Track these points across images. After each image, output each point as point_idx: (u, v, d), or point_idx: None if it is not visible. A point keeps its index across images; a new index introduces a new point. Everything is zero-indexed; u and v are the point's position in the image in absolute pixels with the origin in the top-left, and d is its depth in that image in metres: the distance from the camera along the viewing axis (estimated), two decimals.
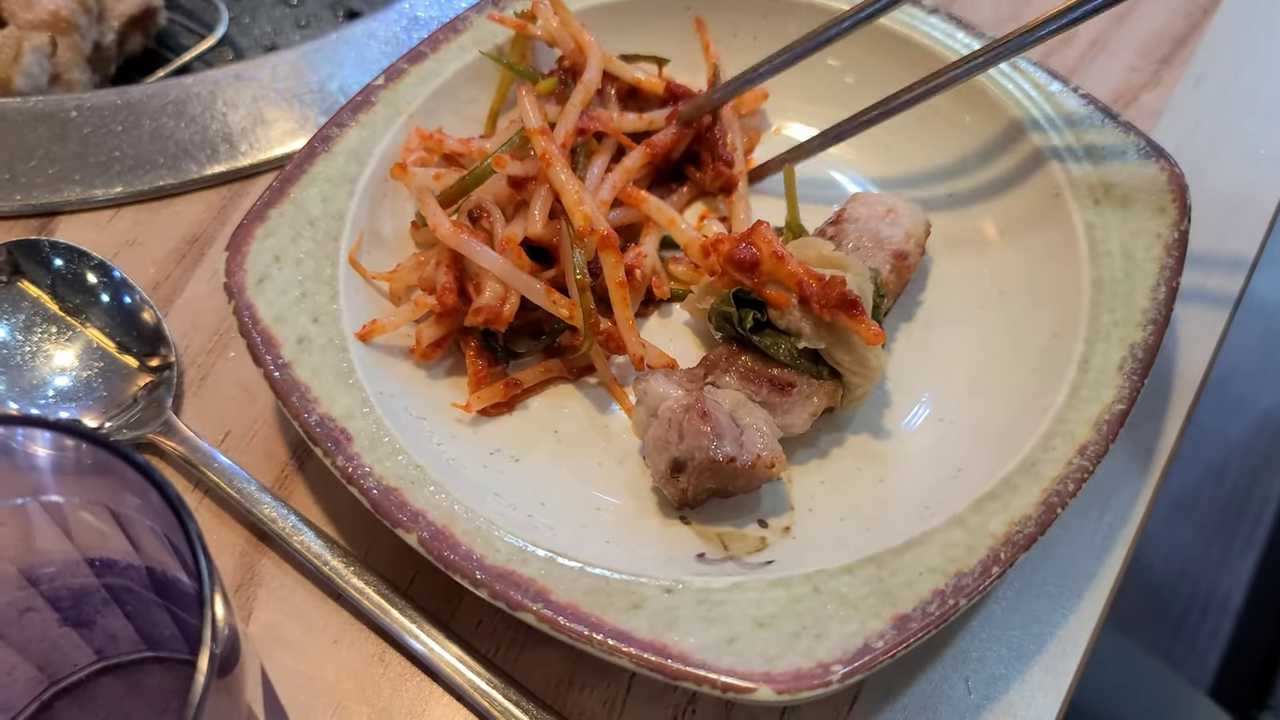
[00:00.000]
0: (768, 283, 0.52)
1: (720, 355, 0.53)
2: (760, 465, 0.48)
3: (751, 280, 0.52)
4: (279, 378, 0.49)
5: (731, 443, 0.48)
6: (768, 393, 0.52)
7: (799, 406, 0.52)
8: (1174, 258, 0.53)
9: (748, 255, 0.52)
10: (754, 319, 0.52)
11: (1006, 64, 0.61)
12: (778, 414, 0.52)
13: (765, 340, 0.52)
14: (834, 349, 0.51)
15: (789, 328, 0.52)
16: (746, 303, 0.53)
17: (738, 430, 0.49)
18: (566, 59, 0.61)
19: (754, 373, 0.52)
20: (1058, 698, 0.49)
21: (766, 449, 0.49)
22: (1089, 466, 0.47)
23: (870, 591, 0.44)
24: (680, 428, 0.49)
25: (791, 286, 0.52)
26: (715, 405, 0.50)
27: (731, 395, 0.51)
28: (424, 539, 0.45)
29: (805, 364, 0.52)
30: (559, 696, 0.49)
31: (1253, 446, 1.76)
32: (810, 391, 0.52)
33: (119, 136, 0.67)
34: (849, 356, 0.51)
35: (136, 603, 0.44)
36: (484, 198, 0.56)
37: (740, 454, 0.48)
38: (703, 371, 0.53)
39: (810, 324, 0.51)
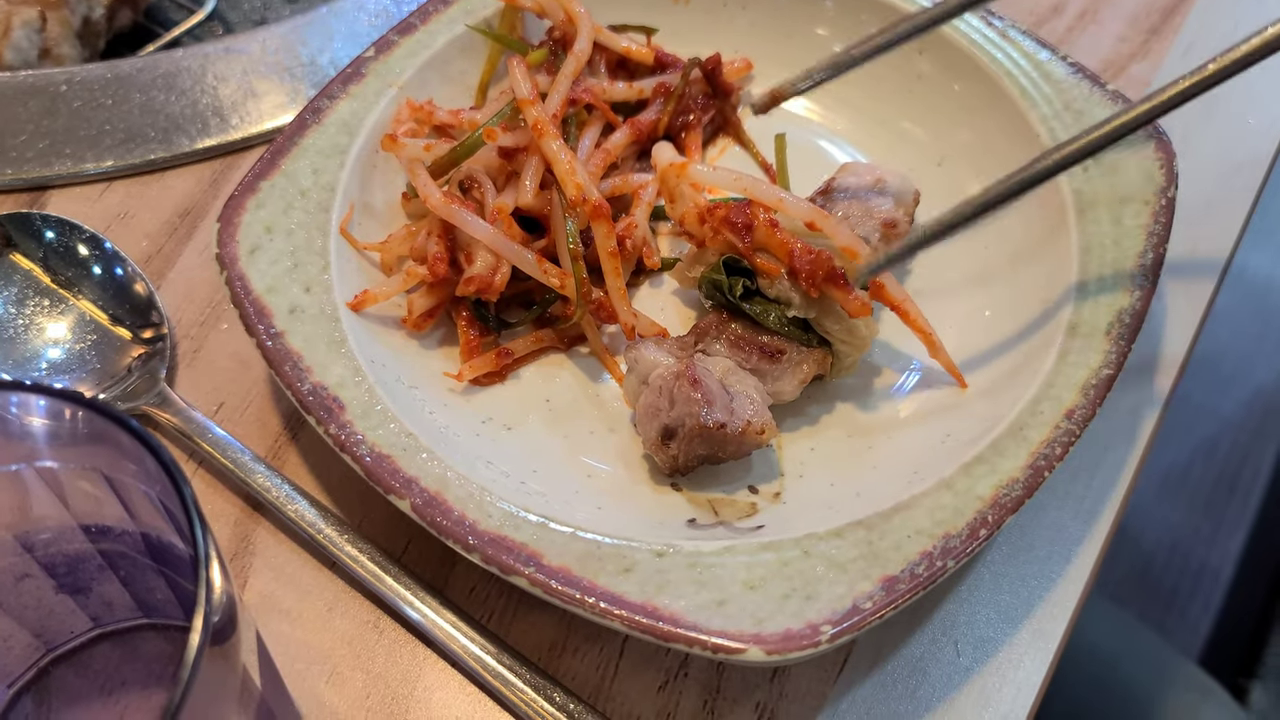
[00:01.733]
0: (758, 251, 0.52)
1: (710, 323, 0.54)
2: (750, 431, 0.49)
3: (743, 245, 0.52)
4: (271, 347, 0.50)
5: (722, 409, 0.49)
6: (757, 360, 0.52)
7: (788, 374, 0.52)
8: (1161, 224, 0.54)
9: (743, 218, 0.52)
10: (744, 287, 0.53)
11: (995, 33, 0.61)
12: (767, 381, 0.52)
13: (755, 308, 0.53)
14: (823, 318, 0.52)
15: (779, 296, 0.52)
16: (737, 270, 0.53)
17: (728, 397, 0.50)
18: (556, 30, 0.61)
19: (744, 340, 0.53)
20: (1045, 660, 0.50)
21: (757, 415, 0.49)
22: (1076, 430, 0.48)
23: (859, 554, 0.45)
24: (671, 395, 0.49)
25: (781, 257, 0.52)
26: (706, 372, 0.50)
27: (721, 363, 0.52)
28: (417, 505, 0.46)
29: (795, 332, 0.52)
30: (552, 661, 0.49)
31: (1244, 423, 1.77)
32: (800, 359, 0.52)
33: (109, 110, 0.67)
34: (838, 326, 0.52)
35: (132, 569, 0.45)
36: (475, 168, 0.56)
37: (730, 420, 0.49)
38: (693, 339, 0.53)
39: (799, 293, 0.52)
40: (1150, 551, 1.61)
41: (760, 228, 0.52)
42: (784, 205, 0.54)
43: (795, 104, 0.65)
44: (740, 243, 0.52)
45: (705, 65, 0.62)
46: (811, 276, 0.51)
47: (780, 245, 0.52)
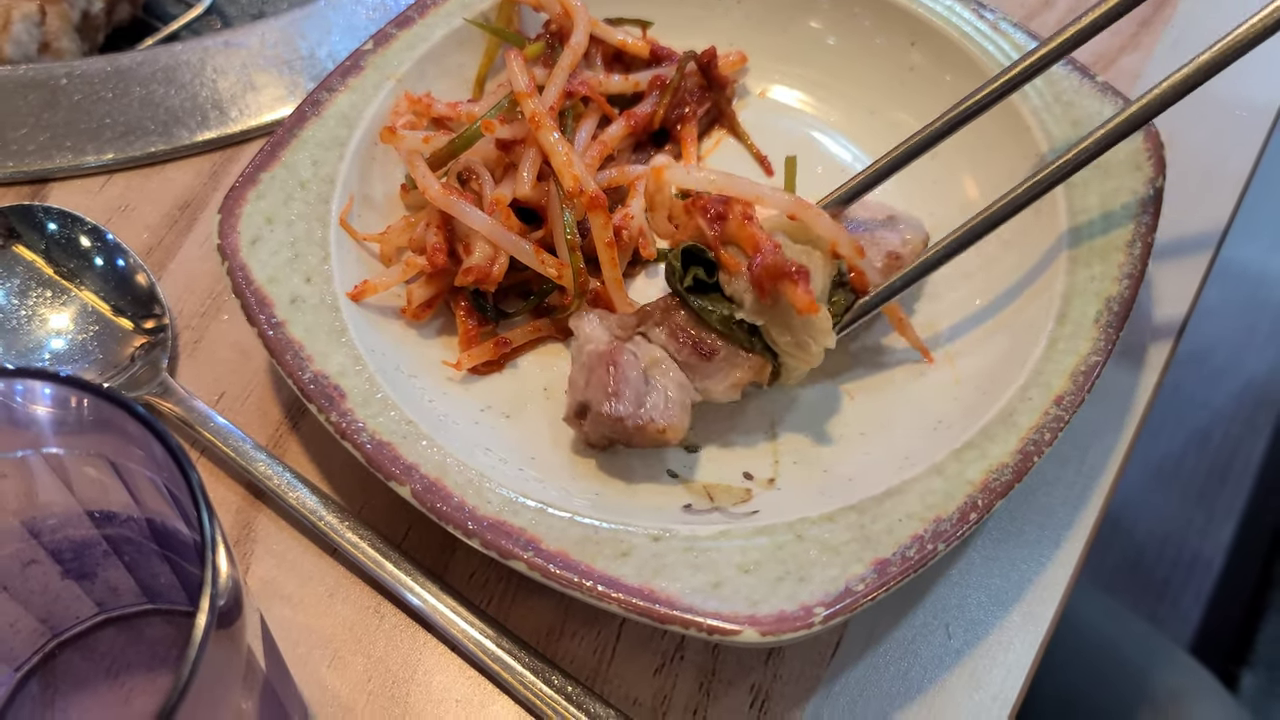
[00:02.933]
0: (727, 245, 0.52)
1: (658, 307, 0.53)
2: (650, 430, 0.49)
3: (711, 234, 0.51)
4: (273, 336, 0.50)
5: (630, 402, 0.49)
6: (689, 354, 0.51)
7: (719, 374, 0.51)
8: (1150, 214, 0.54)
9: (719, 208, 0.52)
10: (696, 279, 0.52)
11: (987, 25, 0.62)
12: (697, 378, 0.52)
13: (700, 302, 0.52)
14: (772, 327, 0.51)
15: (734, 295, 0.51)
16: (697, 260, 0.52)
17: (644, 390, 0.50)
18: (553, 23, 0.61)
19: (683, 332, 0.52)
20: (1035, 642, 0.50)
21: (662, 416, 0.49)
22: (1065, 416, 0.48)
23: (851, 538, 0.45)
24: (589, 374, 0.50)
25: (748, 250, 0.51)
26: (629, 360, 0.50)
27: (652, 352, 0.51)
28: (417, 491, 0.46)
29: (739, 335, 0.51)
30: (550, 645, 0.50)
31: (1235, 414, 1.78)
32: (735, 363, 0.51)
33: (109, 103, 0.68)
34: (787, 338, 0.51)
35: (137, 555, 0.45)
36: (473, 160, 0.57)
37: (632, 415, 0.49)
38: (635, 321, 0.53)
39: (754, 297, 0.51)
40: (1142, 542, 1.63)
41: (733, 220, 0.51)
42: (763, 198, 0.53)
43: (788, 96, 0.66)
44: (709, 230, 0.51)
45: (700, 58, 0.63)
46: (763, 277, 0.50)
47: (749, 239, 0.51)
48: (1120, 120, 0.51)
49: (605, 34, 0.62)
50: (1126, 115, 0.51)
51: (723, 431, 0.54)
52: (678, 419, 0.50)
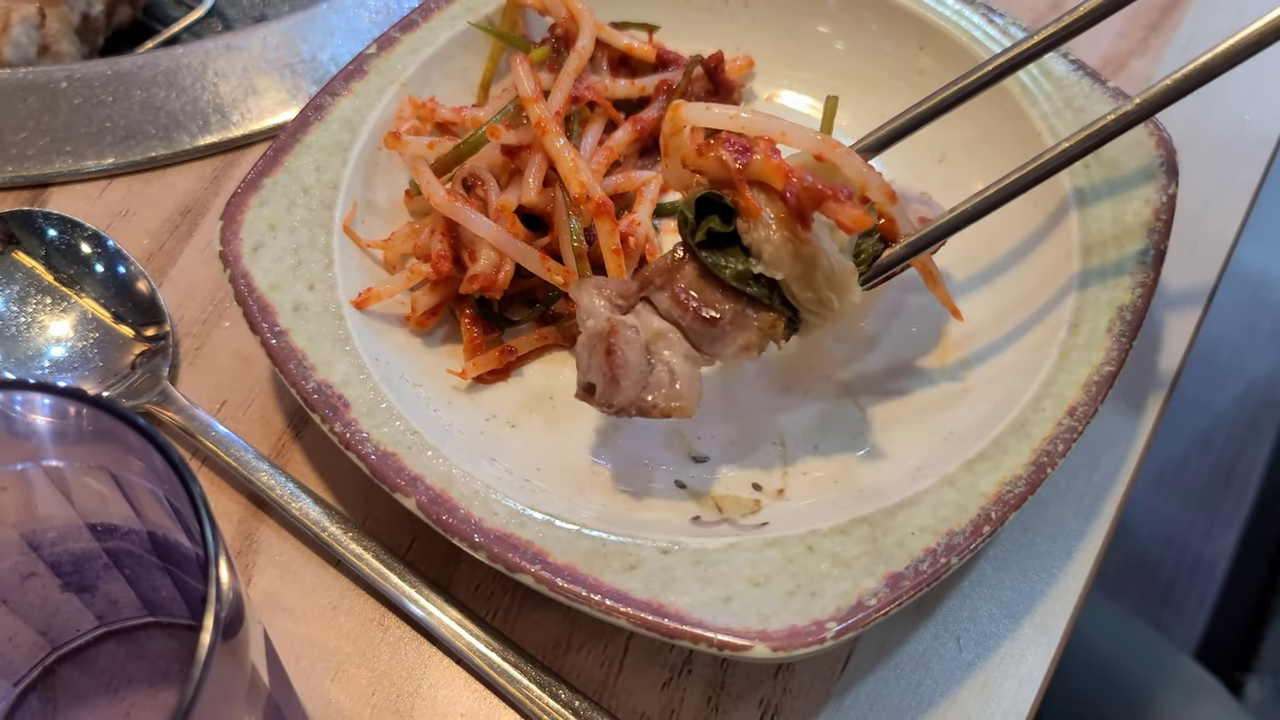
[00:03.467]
0: (751, 185, 0.46)
1: (662, 268, 0.49)
2: (655, 411, 0.47)
3: (736, 167, 0.46)
4: (275, 345, 0.50)
5: (631, 386, 0.47)
6: (692, 321, 0.47)
7: (728, 339, 0.48)
8: (1162, 221, 0.54)
9: (743, 142, 0.47)
10: (709, 232, 0.47)
11: (996, 30, 0.61)
12: (705, 343, 0.48)
13: (714, 258, 0.47)
14: (793, 282, 0.47)
15: (752, 245, 0.47)
16: (713, 208, 0.48)
17: (647, 368, 0.47)
18: (559, 27, 0.61)
19: (688, 295, 0.48)
20: (1047, 654, 0.50)
21: (665, 397, 0.47)
22: (1078, 427, 0.48)
23: (863, 551, 0.45)
24: (590, 354, 0.48)
25: (776, 182, 0.46)
26: (629, 338, 0.47)
27: (654, 323, 0.48)
28: (422, 503, 0.46)
29: (756, 291, 0.47)
30: (557, 658, 0.49)
31: (1238, 416, 1.78)
32: (743, 324, 0.47)
33: (110, 107, 0.67)
34: (809, 294, 0.47)
35: (138, 568, 0.45)
36: (478, 166, 0.56)
37: (634, 400, 0.47)
38: (637, 286, 0.49)
39: (774, 246, 0.46)
40: (1146, 546, 1.62)
41: (760, 155, 0.46)
42: (788, 134, 0.48)
43: (797, 101, 0.66)
44: (734, 163, 0.46)
45: (707, 63, 0.62)
46: (804, 202, 0.45)
47: (776, 170, 0.45)
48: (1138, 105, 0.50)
49: (611, 38, 0.61)
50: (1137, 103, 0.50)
51: (731, 442, 0.53)
52: (685, 394, 0.47)
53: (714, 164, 0.47)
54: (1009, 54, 0.53)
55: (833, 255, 0.46)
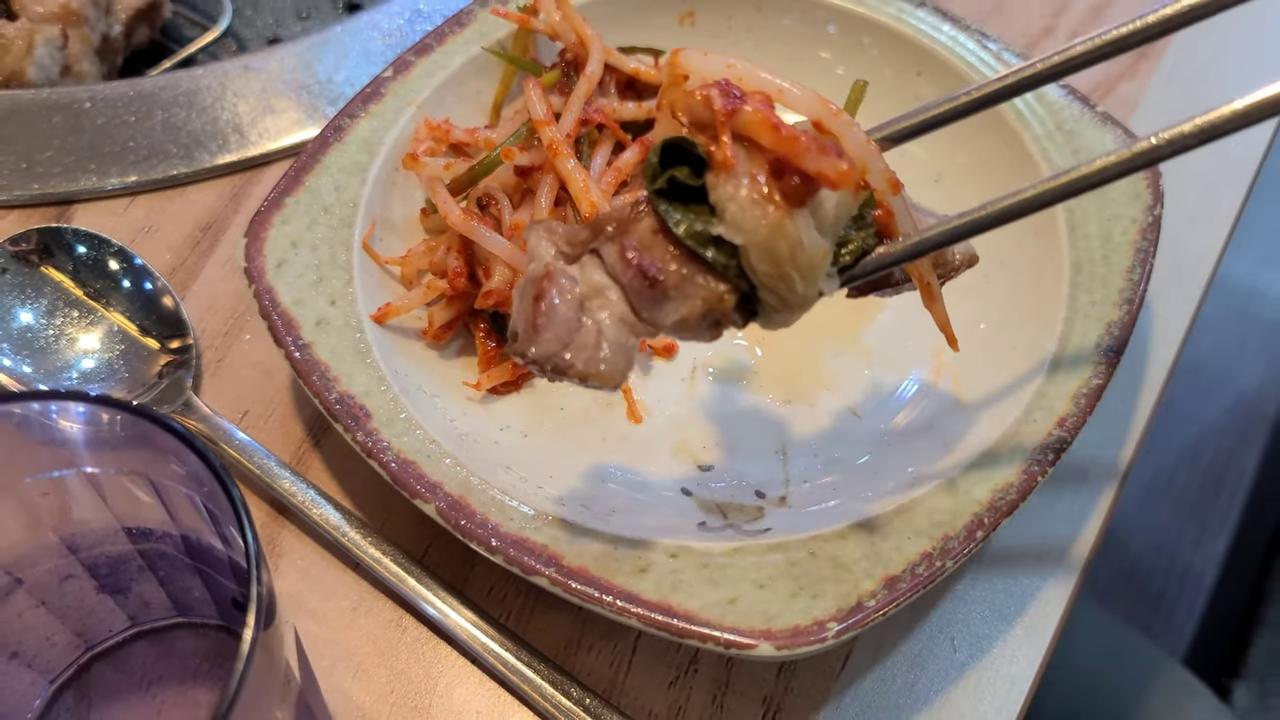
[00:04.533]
0: (737, 138, 0.40)
1: (615, 216, 0.43)
2: (572, 374, 0.42)
3: (721, 111, 0.40)
4: (300, 358, 0.52)
5: (552, 338, 0.41)
6: (632, 277, 0.41)
7: (669, 305, 0.42)
8: (1149, 241, 0.56)
9: (739, 90, 0.41)
10: (674, 182, 0.41)
11: (990, 55, 0.64)
12: (645, 308, 0.42)
13: (669, 209, 0.41)
14: (753, 249, 0.40)
15: (717, 203, 0.40)
16: (681, 156, 0.41)
17: (575, 326, 0.42)
18: (569, 52, 0.63)
19: (634, 251, 0.42)
20: (1038, 655, 0.52)
21: (586, 361, 0.41)
22: (1068, 437, 0.50)
23: (863, 555, 0.47)
24: (519, 299, 0.43)
25: (764, 137, 0.39)
26: (562, 287, 0.42)
27: (593, 278, 0.42)
28: (441, 509, 0.48)
29: (714, 255, 0.41)
30: (568, 658, 0.51)
31: (1228, 427, 1.81)
32: (688, 291, 0.41)
33: (132, 127, 0.69)
34: (768, 267, 0.40)
35: (170, 570, 0.47)
36: (492, 186, 0.59)
37: (552, 356, 0.41)
38: (589, 235, 0.43)
39: (740, 205, 0.39)
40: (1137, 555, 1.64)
41: (752, 107, 0.40)
42: (786, 95, 0.42)
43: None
44: (718, 105, 0.39)
45: None
46: (787, 157, 0.39)
47: (764, 123, 0.39)
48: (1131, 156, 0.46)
49: (619, 62, 0.63)
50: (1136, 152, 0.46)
51: (735, 451, 0.56)
52: (609, 361, 0.41)
53: (700, 105, 0.40)
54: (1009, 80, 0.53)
55: (805, 229, 0.40)
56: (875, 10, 0.65)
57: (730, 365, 0.59)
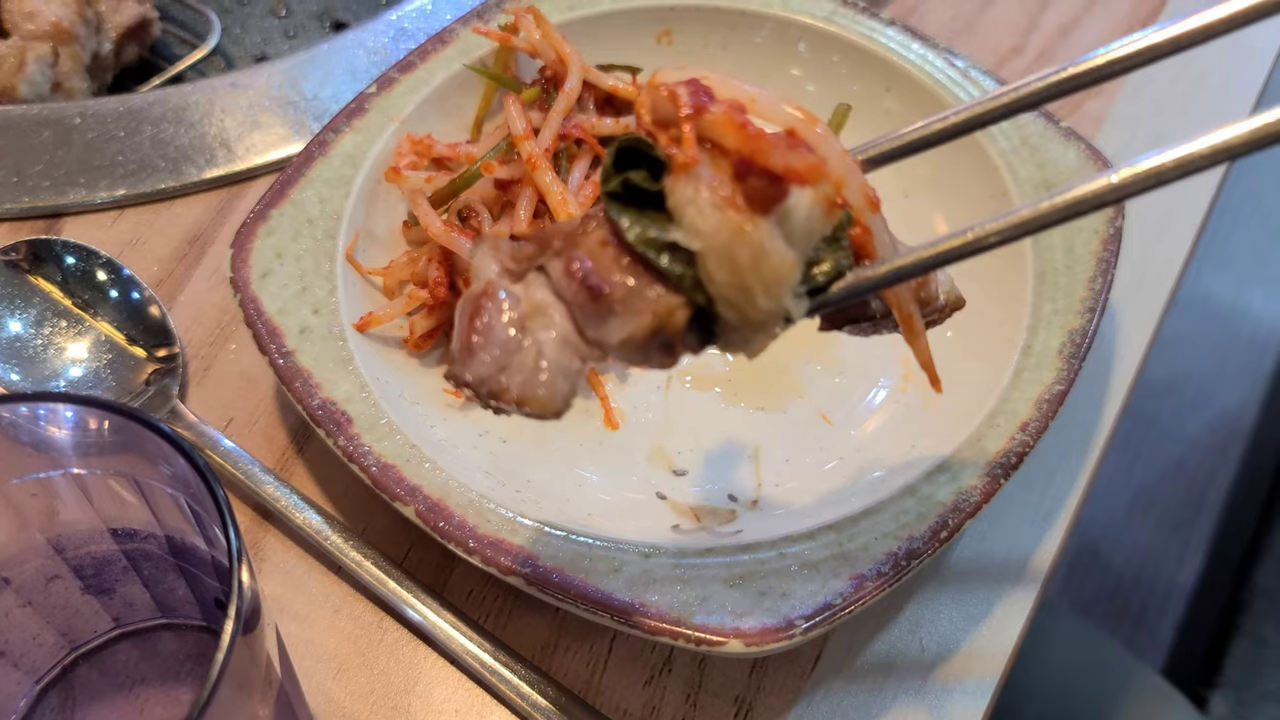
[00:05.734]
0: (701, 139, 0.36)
1: (563, 229, 0.39)
2: (507, 395, 0.38)
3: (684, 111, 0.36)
4: (283, 365, 0.53)
5: (489, 360, 0.38)
6: (576, 291, 0.38)
7: (616, 321, 0.38)
8: (1110, 251, 0.58)
9: (707, 91, 0.37)
10: (629, 186, 0.38)
11: (957, 73, 0.65)
12: (590, 326, 0.38)
13: (621, 213, 0.37)
14: (711, 256, 0.36)
15: (675, 208, 0.36)
16: (638, 158, 0.38)
17: (515, 345, 0.38)
18: (548, 69, 0.65)
19: (581, 262, 0.38)
20: (1004, 654, 0.53)
21: (523, 383, 0.38)
22: (1030, 442, 0.52)
23: (830, 555, 0.48)
24: (460, 314, 0.40)
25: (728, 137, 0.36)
26: (499, 307, 0.38)
27: (536, 296, 0.39)
28: (421, 511, 0.49)
29: (669, 264, 0.37)
30: (545, 659, 0.53)
31: (1210, 444, 1.83)
32: (636, 306, 0.37)
33: (121, 142, 0.71)
34: (727, 276, 0.36)
35: (154, 570, 0.48)
36: (472, 199, 0.60)
37: (488, 379, 0.38)
38: (535, 249, 0.40)
39: (699, 208, 0.36)
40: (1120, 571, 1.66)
41: (719, 107, 0.36)
42: (758, 103, 0.38)
43: None
44: (682, 104, 0.36)
45: None
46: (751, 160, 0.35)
47: (731, 124, 0.36)
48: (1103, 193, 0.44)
49: (597, 79, 0.65)
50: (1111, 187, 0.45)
51: (709, 457, 0.57)
52: (547, 386, 0.38)
53: (666, 100, 0.37)
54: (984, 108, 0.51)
55: (771, 237, 0.36)
56: (845, 29, 0.67)
57: (705, 373, 0.61)
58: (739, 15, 0.69)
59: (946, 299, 0.45)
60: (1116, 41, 0.40)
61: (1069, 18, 0.81)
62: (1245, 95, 0.77)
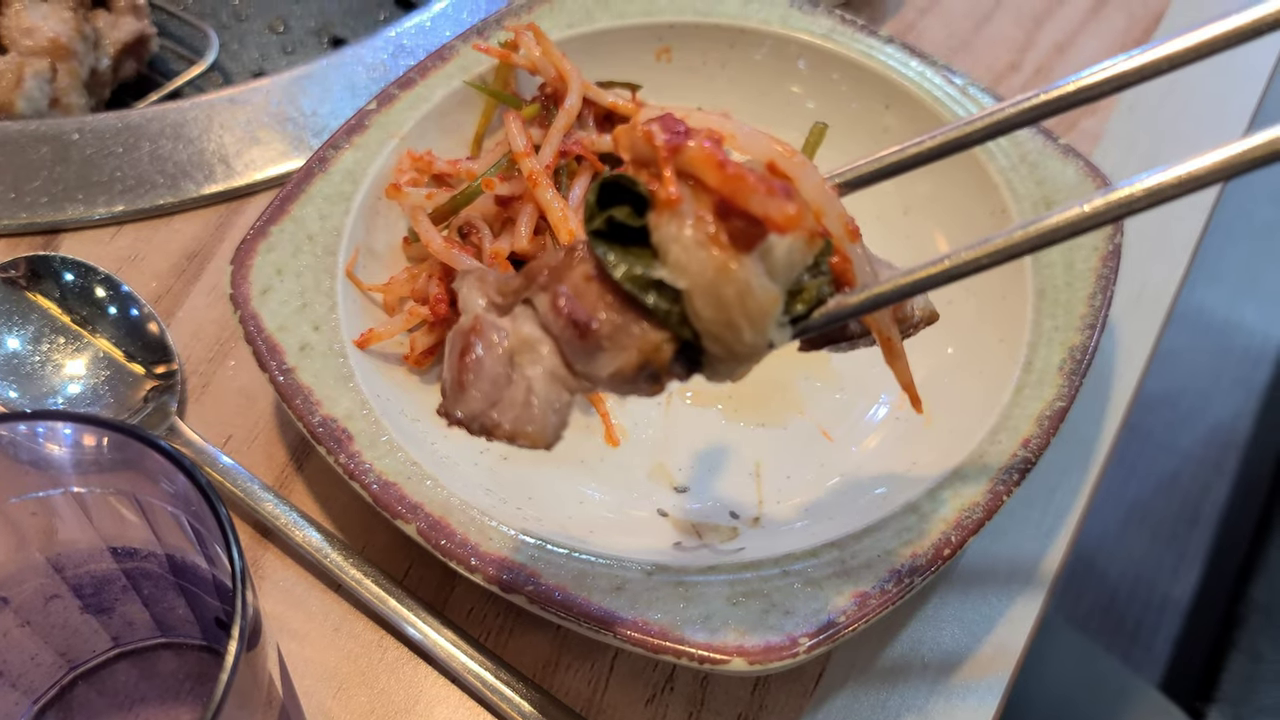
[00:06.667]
0: (681, 176, 0.37)
1: (548, 264, 0.40)
2: (499, 430, 0.39)
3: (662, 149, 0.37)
4: (284, 382, 0.53)
5: (480, 396, 0.38)
6: (564, 326, 0.38)
7: (604, 356, 0.38)
8: (1110, 268, 0.58)
9: (682, 125, 0.37)
10: (615, 225, 0.38)
11: (956, 90, 0.66)
12: (579, 360, 0.39)
13: (607, 251, 0.38)
14: (698, 294, 0.37)
15: (660, 245, 0.37)
16: (620, 195, 0.38)
17: (505, 380, 0.39)
18: (548, 86, 0.65)
19: (567, 297, 0.38)
20: (1007, 671, 0.53)
21: (515, 420, 0.38)
22: (1032, 458, 0.52)
23: (833, 572, 0.48)
24: (450, 350, 0.40)
25: (709, 175, 0.36)
26: (488, 343, 0.39)
27: (524, 331, 0.39)
28: (422, 529, 0.49)
29: (655, 301, 0.37)
30: (546, 677, 0.52)
31: (1203, 457, 1.83)
32: (623, 341, 0.38)
33: (120, 158, 0.71)
34: (713, 313, 0.37)
35: (154, 589, 0.48)
36: (473, 215, 0.60)
37: (479, 415, 0.38)
38: (521, 283, 0.40)
39: (684, 246, 0.36)
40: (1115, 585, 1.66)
41: (696, 142, 0.36)
42: (737, 137, 0.39)
43: None
44: (659, 141, 0.37)
45: None
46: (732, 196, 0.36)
47: (709, 159, 0.36)
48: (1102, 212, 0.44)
49: (597, 96, 0.65)
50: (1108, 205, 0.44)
51: (710, 473, 0.57)
52: (539, 421, 0.38)
53: (643, 140, 0.37)
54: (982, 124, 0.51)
55: (755, 274, 0.37)
56: (844, 46, 0.67)
57: (706, 390, 0.61)
58: (738, 33, 0.69)
59: (920, 314, 0.46)
60: (1107, 60, 0.40)
61: (1065, 35, 0.81)
62: (1241, 111, 0.77)
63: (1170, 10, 0.83)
